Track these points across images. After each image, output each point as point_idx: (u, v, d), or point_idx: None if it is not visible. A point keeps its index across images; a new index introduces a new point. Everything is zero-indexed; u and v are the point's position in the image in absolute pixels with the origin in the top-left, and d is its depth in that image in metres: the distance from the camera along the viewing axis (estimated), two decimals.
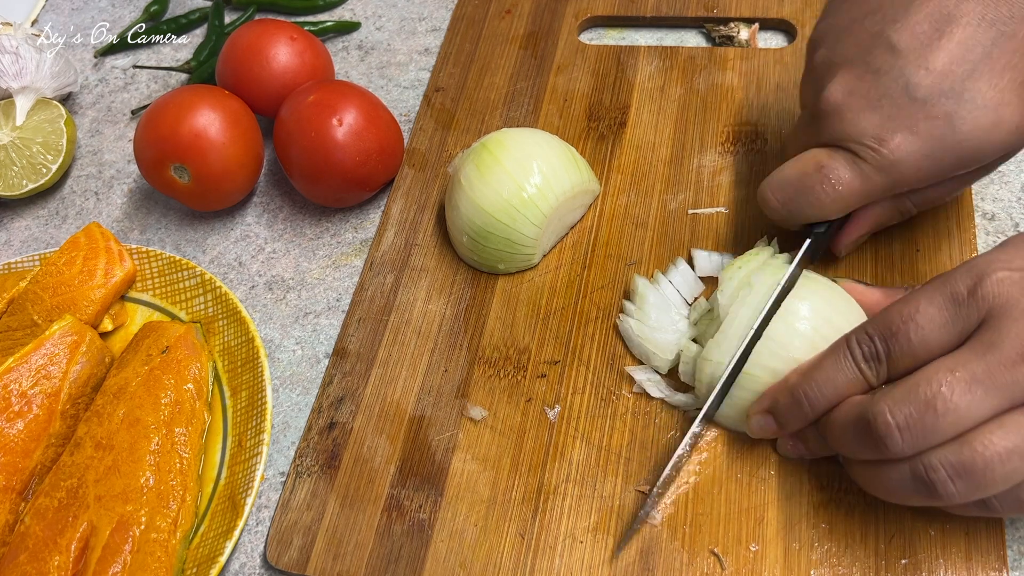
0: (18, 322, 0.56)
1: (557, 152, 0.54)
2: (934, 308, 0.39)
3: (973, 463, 0.36)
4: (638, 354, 0.51)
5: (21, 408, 0.51)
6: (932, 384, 0.37)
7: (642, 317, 0.51)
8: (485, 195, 0.53)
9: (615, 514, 0.46)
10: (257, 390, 0.52)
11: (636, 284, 0.52)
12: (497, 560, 0.46)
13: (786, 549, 0.44)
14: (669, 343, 0.50)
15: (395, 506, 0.48)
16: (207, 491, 0.50)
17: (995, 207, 0.54)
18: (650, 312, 0.51)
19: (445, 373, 0.53)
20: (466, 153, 0.56)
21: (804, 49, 0.62)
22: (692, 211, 0.56)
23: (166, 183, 0.60)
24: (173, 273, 0.59)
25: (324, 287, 0.59)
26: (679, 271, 0.53)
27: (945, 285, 0.39)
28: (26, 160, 0.67)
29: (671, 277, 0.53)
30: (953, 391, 0.37)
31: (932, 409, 0.37)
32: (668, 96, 0.62)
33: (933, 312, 0.39)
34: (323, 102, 0.58)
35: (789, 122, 0.59)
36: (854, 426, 0.40)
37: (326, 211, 0.63)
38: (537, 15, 0.69)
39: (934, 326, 0.39)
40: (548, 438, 0.49)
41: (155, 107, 0.60)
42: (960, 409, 0.36)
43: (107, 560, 0.46)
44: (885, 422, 0.38)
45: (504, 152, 0.54)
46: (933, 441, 0.37)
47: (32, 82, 0.69)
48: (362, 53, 0.72)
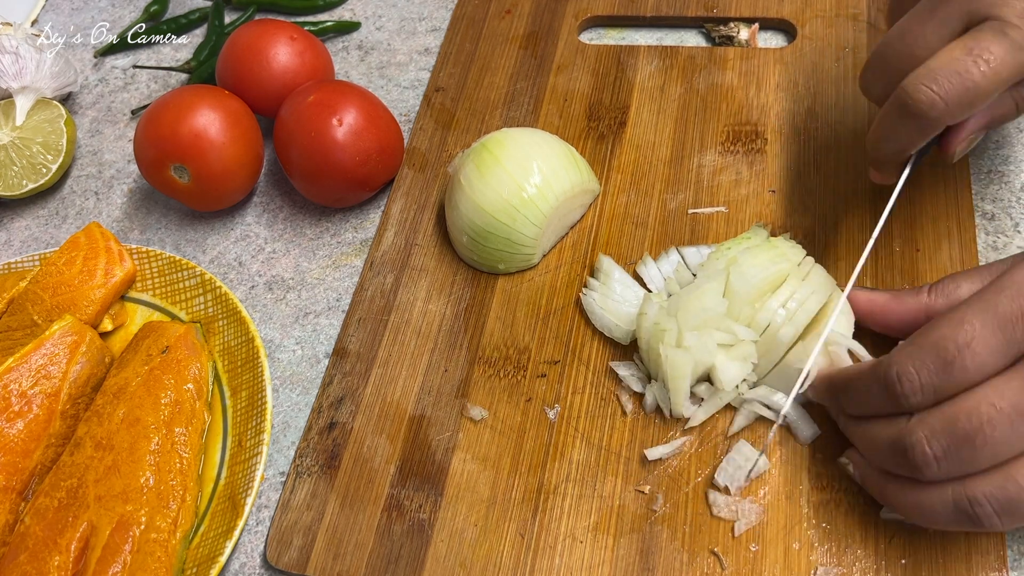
0: (18, 322, 0.56)
1: (557, 152, 0.54)
2: (988, 331, 0.37)
3: (1020, 498, 0.36)
4: (600, 326, 0.51)
5: (21, 408, 0.51)
6: (973, 419, 0.36)
7: (606, 292, 0.52)
8: (485, 195, 0.53)
9: (615, 514, 0.46)
10: (257, 390, 0.52)
11: (601, 261, 0.53)
12: (497, 560, 0.46)
13: (786, 549, 0.44)
14: (631, 315, 0.50)
15: (395, 506, 0.48)
16: (207, 491, 0.50)
17: (995, 207, 0.54)
18: (614, 287, 0.52)
19: (445, 373, 0.53)
20: (466, 153, 0.56)
21: (804, 49, 0.62)
22: (692, 211, 0.56)
23: (166, 183, 0.60)
24: (173, 273, 0.59)
25: (324, 287, 0.59)
26: (668, 259, 0.54)
27: (994, 306, 0.37)
28: (26, 160, 0.67)
29: (659, 265, 0.54)
30: (996, 427, 0.35)
31: (970, 443, 0.36)
32: (668, 96, 0.62)
33: (988, 337, 0.36)
34: (323, 102, 0.58)
35: (789, 122, 0.59)
36: (890, 448, 0.39)
37: (326, 211, 0.63)
38: (537, 15, 0.69)
39: (990, 352, 0.36)
40: (548, 438, 0.49)
41: (155, 107, 0.60)
42: (999, 444, 0.35)
43: (107, 560, 0.46)
44: (923, 451, 0.37)
45: (504, 152, 0.54)
46: (971, 470, 0.36)
47: (32, 82, 0.69)
48: (362, 53, 0.72)
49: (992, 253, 0.52)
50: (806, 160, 0.57)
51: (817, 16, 0.64)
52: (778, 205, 0.55)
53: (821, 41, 0.62)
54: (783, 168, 0.57)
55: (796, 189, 0.56)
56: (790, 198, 0.56)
